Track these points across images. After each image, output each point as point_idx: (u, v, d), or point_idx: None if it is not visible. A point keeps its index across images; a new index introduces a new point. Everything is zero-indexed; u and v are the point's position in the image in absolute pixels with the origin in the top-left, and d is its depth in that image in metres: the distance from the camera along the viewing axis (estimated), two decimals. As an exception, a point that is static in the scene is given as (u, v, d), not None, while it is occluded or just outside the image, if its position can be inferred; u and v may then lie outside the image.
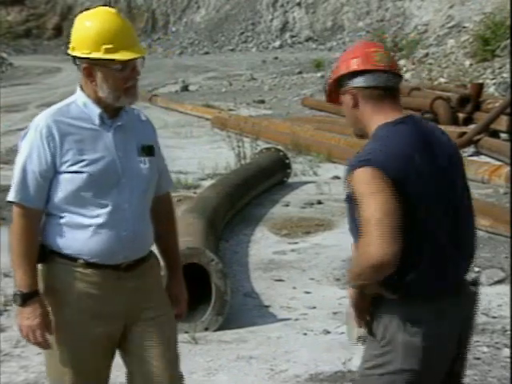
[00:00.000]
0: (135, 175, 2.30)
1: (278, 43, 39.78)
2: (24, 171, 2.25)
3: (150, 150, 2.34)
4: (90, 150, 2.27)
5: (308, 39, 39.55)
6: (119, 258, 2.28)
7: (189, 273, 4.30)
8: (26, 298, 2.22)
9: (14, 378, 3.45)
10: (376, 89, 2.11)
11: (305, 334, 4.12)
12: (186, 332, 4.09)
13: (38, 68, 34.11)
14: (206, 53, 40.71)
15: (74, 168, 2.26)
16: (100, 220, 2.25)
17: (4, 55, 37.81)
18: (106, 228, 2.25)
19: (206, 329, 4.17)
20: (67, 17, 46.93)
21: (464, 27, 23.29)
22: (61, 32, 47.88)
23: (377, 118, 2.12)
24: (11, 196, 2.26)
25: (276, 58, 34.03)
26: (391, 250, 1.94)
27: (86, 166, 2.25)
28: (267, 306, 4.63)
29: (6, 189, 8.31)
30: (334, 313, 4.45)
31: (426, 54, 22.32)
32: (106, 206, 2.25)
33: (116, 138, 2.30)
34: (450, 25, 24.13)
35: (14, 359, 3.72)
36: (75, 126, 2.27)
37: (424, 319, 2.03)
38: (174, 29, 45.82)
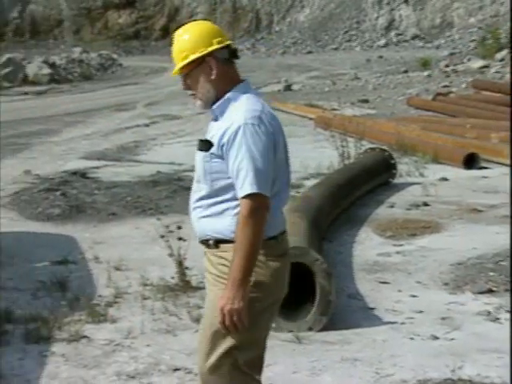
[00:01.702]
0: (196, 163, 2.54)
1: (382, 41, 39.15)
2: None
3: (202, 145, 2.46)
4: None
5: (414, 37, 38.67)
6: None
7: (293, 272, 4.32)
8: None
9: (125, 367, 3.57)
10: None
11: (411, 339, 4.03)
12: (290, 331, 4.10)
13: (146, 68, 35.33)
14: (309, 52, 40.67)
15: None
16: None
17: (115, 56, 39.44)
18: None
19: (310, 329, 4.16)
20: (174, 18, 48.29)
21: None
22: (168, 33, 49.31)
23: None
24: None
25: (381, 56, 33.53)
26: None
27: None
28: (372, 309, 4.56)
29: (119, 184, 8.57)
30: (443, 318, 4.33)
31: (544, 51, 21.27)
32: None
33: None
34: None
35: (125, 349, 3.86)
36: None
37: None
38: (277, 28, 46.10)
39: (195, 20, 2.81)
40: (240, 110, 2.43)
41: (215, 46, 2.46)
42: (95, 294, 4.76)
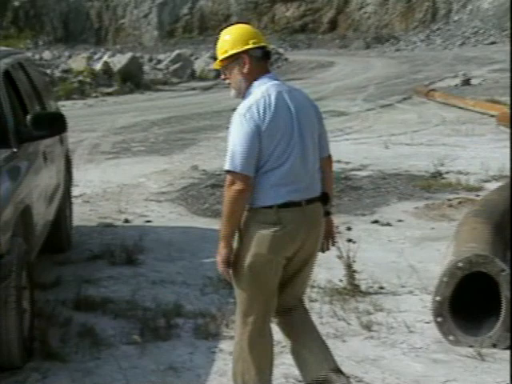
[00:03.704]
0: None
1: None
2: None
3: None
4: None
5: None
6: None
7: (474, 282, 4.13)
8: None
9: (293, 370, 3.60)
10: None
11: None
12: (471, 346, 3.93)
13: (312, 62, 35.59)
14: (492, 42, 38.87)
15: None
16: None
17: (280, 50, 40.20)
18: None
19: (494, 345, 3.96)
20: (343, 10, 48.29)
21: None
22: (335, 26, 49.43)
23: None
24: None
25: None
26: None
27: None
28: None
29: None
30: None
31: None
32: None
33: None
34: None
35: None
36: None
37: None
38: (456, 18, 44.56)
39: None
40: (244, 101, 3.05)
41: (250, 46, 3.11)
42: (261, 293, 4.86)
